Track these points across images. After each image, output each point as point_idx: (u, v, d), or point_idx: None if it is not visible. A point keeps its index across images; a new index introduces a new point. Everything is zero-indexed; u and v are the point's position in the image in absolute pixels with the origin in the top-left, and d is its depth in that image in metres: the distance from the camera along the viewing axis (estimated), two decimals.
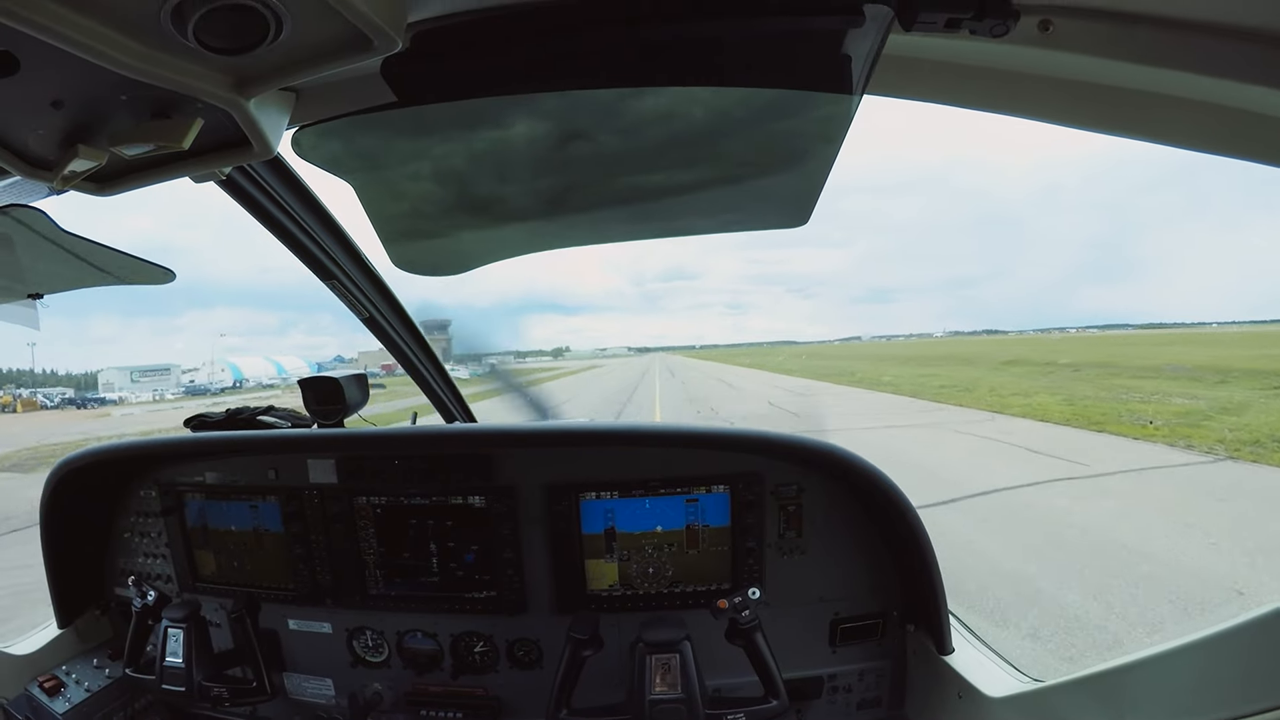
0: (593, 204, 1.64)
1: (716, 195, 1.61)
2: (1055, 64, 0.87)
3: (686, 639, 1.68)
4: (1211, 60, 0.77)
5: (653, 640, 1.68)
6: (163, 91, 0.84)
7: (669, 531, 1.88)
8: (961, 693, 1.65)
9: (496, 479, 1.91)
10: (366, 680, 2.05)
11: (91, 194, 1.16)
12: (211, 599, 2.09)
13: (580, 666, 1.72)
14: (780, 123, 1.30)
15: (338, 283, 1.97)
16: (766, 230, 1.81)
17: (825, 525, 1.88)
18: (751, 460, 1.86)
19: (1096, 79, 0.89)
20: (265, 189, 1.59)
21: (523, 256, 1.85)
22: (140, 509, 2.18)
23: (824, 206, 1.50)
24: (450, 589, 1.97)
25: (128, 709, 2.10)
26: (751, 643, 1.69)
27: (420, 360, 2.40)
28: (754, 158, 1.45)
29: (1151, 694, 1.23)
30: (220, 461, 2.06)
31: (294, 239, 1.76)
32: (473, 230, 1.72)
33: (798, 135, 1.32)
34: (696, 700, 1.62)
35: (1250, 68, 0.75)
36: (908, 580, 1.84)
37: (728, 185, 1.57)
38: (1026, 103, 1.00)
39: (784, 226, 1.75)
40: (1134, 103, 0.90)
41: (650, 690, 1.63)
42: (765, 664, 1.70)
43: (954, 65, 0.96)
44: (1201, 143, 0.94)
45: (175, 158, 1.07)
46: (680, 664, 1.65)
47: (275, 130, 1.01)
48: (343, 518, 1.97)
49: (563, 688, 1.71)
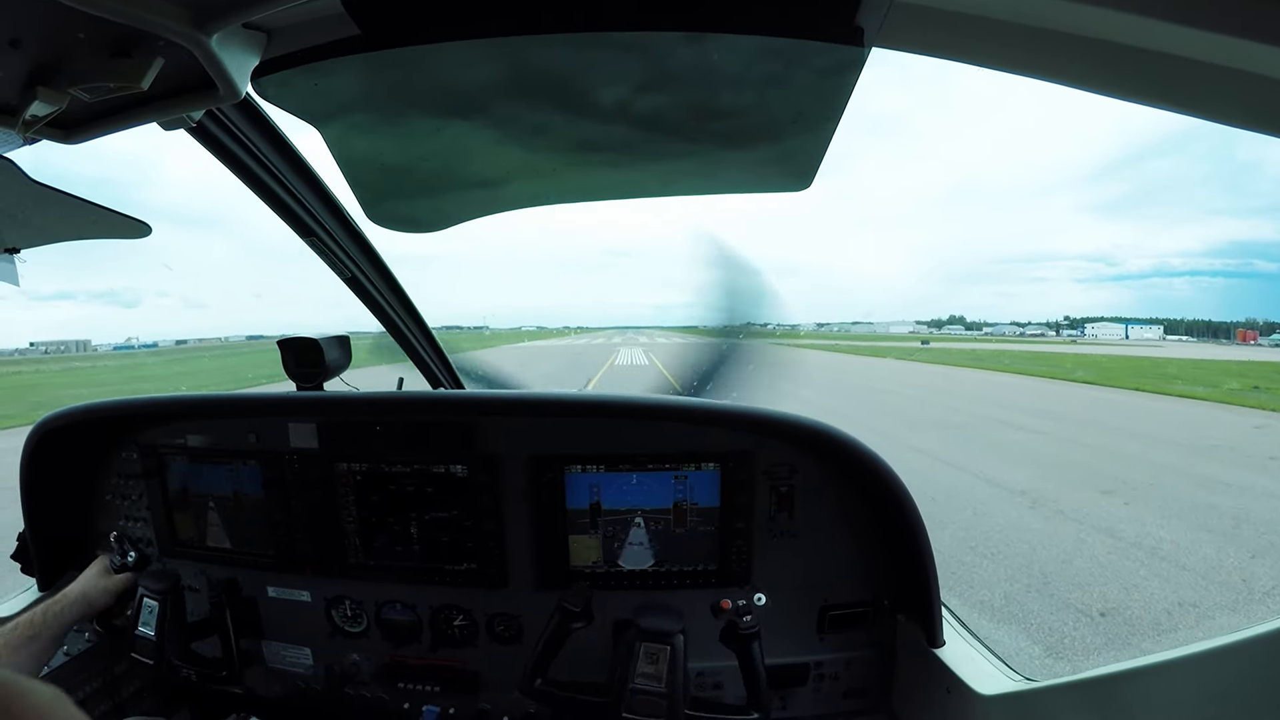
0: (583, 160, 1.63)
1: (715, 155, 1.60)
2: (1087, 21, 0.82)
3: (681, 632, 1.71)
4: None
5: (649, 628, 1.71)
6: (122, 28, 0.86)
7: (656, 509, 1.92)
8: (950, 688, 1.67)
9: (479, 447, 1.95)
10: (345, 650, 2.13)
11: (59, 141, 1.20)
12: (191, 564, 2.17)
13: (564, 638, 1.77)
14: (783, 80, 1.27)
15: (317, 239, 1.99)
16: (768, 194, 1.81)
17: (818, 508, 1.90)
18: (744, 438, 1.88)
19: (1130, 40, 0.83)
20: (239, 138, 1.60)
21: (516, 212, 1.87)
22: (122, 471, 2.25)
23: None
24: (430, 560, 2.03)
25: (108, 673, 2.18)
26: (746, 650, 1.72)
27: (405, 323, 2.41)
28: (755, 117, 1.43)
29: (1151, 705, 1.22)
30: (202, 423, 2.12)
31: (270, 192, 1.77)
32: (454, 185, 1.73)
33: (802, 94, 1.30)
34: (679, 698, 1.65)
35: None
36: (900, 568, 1.86)
37: (727, 145, 1.55)
38: (1052, 64, 0.93)
39: (786, 190, 1.75)
40: (1172, 70, 0.83)
41: (633, 678, 1.67)
42: (756, 674, 1.72)
43: (974, 18, 0.90)
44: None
45: (140, 102, 1.09)
46: (670, 656, 1.67)
47: (242, 72, 1.02)
48: (322, 484, 2.03)
49: (544, 656, 1.76)
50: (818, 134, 1.41)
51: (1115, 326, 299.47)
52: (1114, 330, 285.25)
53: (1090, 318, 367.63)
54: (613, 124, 1.45)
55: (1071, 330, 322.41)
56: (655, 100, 1.36)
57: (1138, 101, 0.94)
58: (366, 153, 1.53)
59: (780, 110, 1.36)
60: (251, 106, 1.61)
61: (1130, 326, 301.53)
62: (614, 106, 1.38)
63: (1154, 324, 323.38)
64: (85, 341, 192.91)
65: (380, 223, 1.80)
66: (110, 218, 1.77)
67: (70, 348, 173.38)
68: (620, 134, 1.49)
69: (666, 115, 1.41)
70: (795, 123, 1.40)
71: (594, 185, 1.79)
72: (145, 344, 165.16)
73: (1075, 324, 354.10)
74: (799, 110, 1.35)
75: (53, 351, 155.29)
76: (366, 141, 1.49)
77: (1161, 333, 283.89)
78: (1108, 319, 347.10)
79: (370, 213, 1.76)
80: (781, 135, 1.46)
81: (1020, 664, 1.74)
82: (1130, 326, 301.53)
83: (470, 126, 1.43)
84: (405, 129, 1.47)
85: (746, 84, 1.28)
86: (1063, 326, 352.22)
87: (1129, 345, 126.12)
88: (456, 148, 1.53)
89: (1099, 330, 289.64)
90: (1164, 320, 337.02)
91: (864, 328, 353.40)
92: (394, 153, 1.54)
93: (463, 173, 1.66)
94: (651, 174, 1.73)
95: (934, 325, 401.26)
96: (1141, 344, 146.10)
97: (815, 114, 1.34)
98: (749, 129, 1.45)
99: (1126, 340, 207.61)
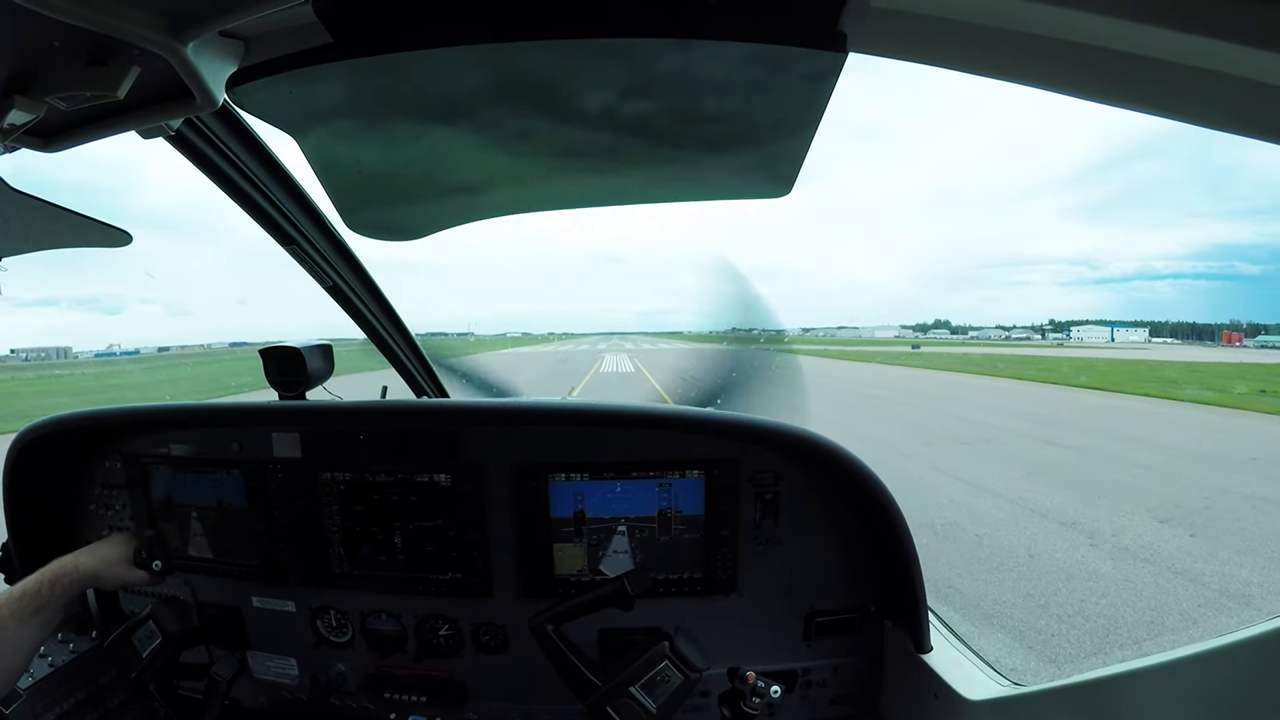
0: (566, 166, 1.64)
1: (697, 161, 1.61)
2: (1070, 25, 0.83)
3: (700, 674, 1.69)
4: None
5: (679, 653, 1.68)
6: (97, 36, 0.87)
7: (641, 517, 1.93)
8: (938, 693, 1.68)
9: (462, 456, 1.95)
10: (330, 661, 2.12)
11: (38, 149, 1.21)
12: (176, 575, 2.15)
13: (598, 610, 1.74)
14: (765, 85, 1.28)
15: (298, 248, 1.99)
16: (749, 200, 1.83)
17: (803, 515, 1.91)
18: (728, 446, 1.89)
19: (1113, 45, 0.84)
20: (218, 146, 1.61)
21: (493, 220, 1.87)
22: (105, 480, 2.24)
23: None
24: (414, 570, 2.02)
25: (92, 684, 2.17)
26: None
27: (388, 331, 2.41)
28: (737, 123, 1.43)
29: (1138, 709, 1.23)
30: (185, 433, 2.12)
31: (250, 200, 1.78)
32: (434, 192, 1.73)
33: (783, 99, 1.31)
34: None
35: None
36: (886, 574, 1.87)
37: (709, 151, 1.56)
38: (1033, 69, 0.95)
39: (768, 195, 1.77)
40: (1153, 73, 0.84)
41: (638, 683, 1.64)
42: None
43: (956, 23, 0.91)
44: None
45: (118, 110, 1.10)
46: (679, 686, 1.65)
47: (219, 81, 1.03)
48: (306, 494, 2.03)
49: (572, 610, 1.72)
50: (798, 138, 1.43)
51: (1100, 329, 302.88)
52: (1099, 333, 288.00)
53: (1074, 321, 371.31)
54: (596, 130, 1.46)
55: (1056, 333, 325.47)
56: (638, 106, 1.37)
57: (1120, 105, 0.95)
58: (345, 160, 1.53)
59: (762, 115, 1.37)
60: (230, 115, 1.61)
61: (1115, 329, 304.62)
62: (598, 112, 1.39)
63: (1138, 326, 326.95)
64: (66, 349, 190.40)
65: (360, 231, 1.80)
66: (90, 226, 1.76)
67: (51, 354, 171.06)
68: (603, 140, 1.50)
69: (649, 121, 1.42)
70: (776, 128, 1.41)
71: (577, 192, 1.80)
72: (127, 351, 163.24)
73: (1059, 327, 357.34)
74: (780, 115, 1.36)
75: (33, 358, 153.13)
76: (345, 149, 1.49)
77: (1146, 335, 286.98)
78: (1092, 321, 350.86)
79: (349, 220, 1.76)
80: (763, 140, 1.48)
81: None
82: (1115, 329, 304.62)
83: (452, 133, 1.43)
84: (385, 136, 1.47)
85: (729, 89, 1.29)
86: (1047, 330, 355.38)
87: (1115, 348, 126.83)
88: (437, 154, 1.54)
89: (1084, 333, 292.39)
90: (1148, 323, 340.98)
91: (849, 333, 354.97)
92: (373, 160, 1.54)
93: (444, 179, 1.67)
94: (634, 180, 1.74)
95: (919, 329, 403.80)
96: (1127, 346, 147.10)
97: (796, 119, 1.35)
98: (731, 134, 1.46)
99: (1112, 343, 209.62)
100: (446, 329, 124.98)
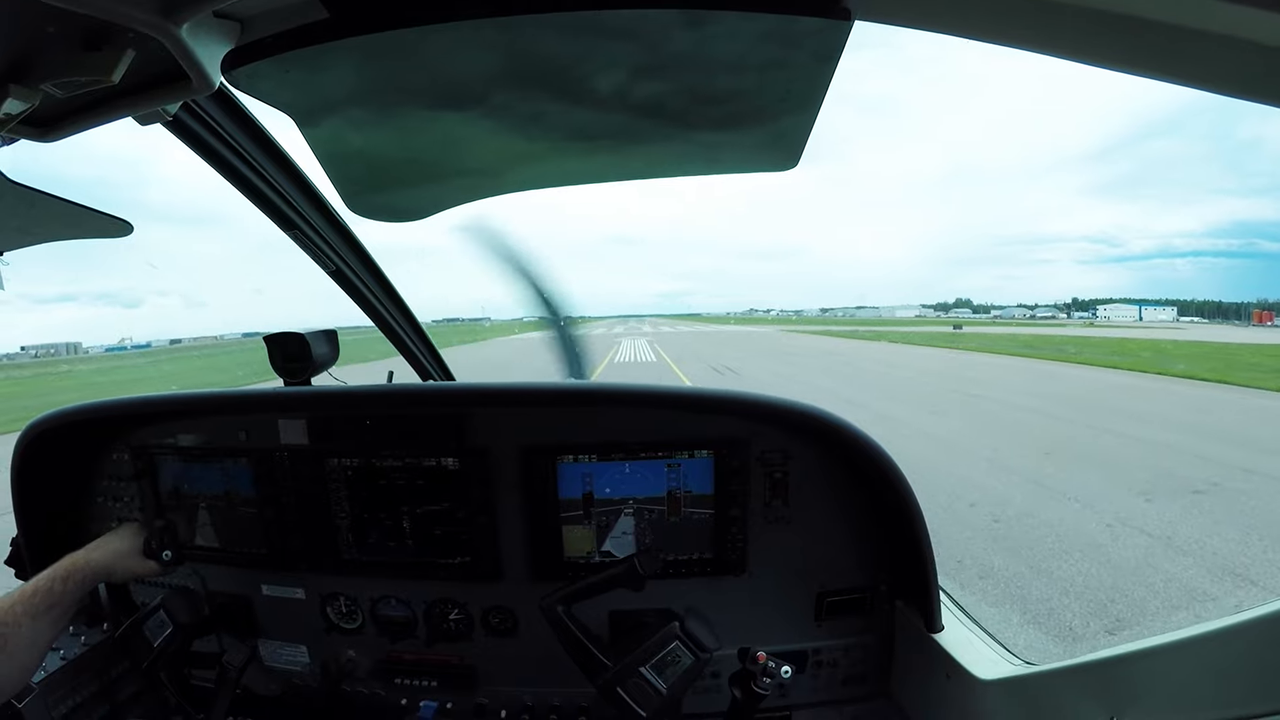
0: (568, 143, 1.64)
1: (704, 137, 1.60)
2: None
3: (710, 655, 1.71)
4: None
5: (689, 633, 1.71)
6: (90, 20, 0.87)
7: (649, 498, 1.95)
8: (950, 673, 1.68)
9: (470, 440, 1.97)
10: (341, 647, 2.16)
11: (35, 139, 1.22)
12: (186, 565, 2.20)
13: (607, 591, 1.77)
14: (772, 58, 1.27)
15: (300, 232, 2.00)
16: (755, 174, 1.82)
17: (813, 494, 1.92)
18: (737, 425, 1.90)
19: (1126, 9, 0.81)
20: (216, 131, 1.62)
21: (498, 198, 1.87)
22: (113, 472, 2.27)
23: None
24: (423, 554, 2.05)
25: (104, 676, 2.21)
26: (748, 700, 1.70)
27: (393, 315, 2.42)
28: (744, 100, 1.43)
29: (1153, 686, 1.24)
30: (192, 422, 2.15)
31: (250, 185, 1.79)
32: (435, 171, 1.73)
33: (790, 72, 1.30)
34: (675, 706, 1.66)
35: None
36: (897, 554, 1.88)
37: (716, 126, 1.55)
38: (1045, 34, 0.92)
39: (774, 169, 1.77)
40: (1169, 39, 0.80)
41: (648, 664, 1.66)
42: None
43: None
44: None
45: (114, 96, 1.11)
46: (689, 667, 1.68)
47: (214, 63, 1.03)
48: (313, 480, 2.06)
49: (583, 591, 1.76)
50: (806, 112, 1.42)
51: (1128, 308, 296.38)
52: (1127, 312, 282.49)
53: (1098, 299, 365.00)
54: (606, 111, 1.46)
55: (1082, 312, 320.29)
56: (649, 86, 1.37)
57: (1135, 73, 0.93)
58: (346, 142, 1.54)
59: (770, 90, 1.36)
60: (228, 99, 1.62)
61: (1144, 308, 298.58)
62: (608, 93, 1.39)
63: (1167, 305, 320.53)
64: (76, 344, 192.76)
65: (361, 213, 1.81)
66: (90, 217, 1.78)
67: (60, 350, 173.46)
68: (613, 119, 1.50)
69: (660, 100, 1.42)
70: (784, 101, 1.40)
71: (584, 169, 1.80)
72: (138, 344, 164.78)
73: (1084, 305, 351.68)
74: (788, 89, 1.35)
75: (42, 355, 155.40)
76: (346, 130, 1.49)
77: (1175, 314, 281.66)
78: (1116, 300, 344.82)
79: (351, 203, 1.76)
80: (771, 115, 1.47)
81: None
82: (1144, 308, 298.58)
83: (455, 112, 1.43)
84: (388, 116, 1.47)
85: (739, 66, 1.28)
86: (1072, 308, 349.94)
87: (1147, 327, 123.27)
88: (442, 136, 1.54)
89: (1111, 312, 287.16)
90: (1171, 301, 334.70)
91: (869, 312, 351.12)
92: (375, 140, 1.54)
93: (443, 157, 1.67)
94: (639, 156, 1.74)
95: (940, 309, 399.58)
96: (1159, 326, 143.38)
97: (803, 92, 1.34)
98: (741, 110, 1.46)
99: (1141, 322, 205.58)
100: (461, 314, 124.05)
